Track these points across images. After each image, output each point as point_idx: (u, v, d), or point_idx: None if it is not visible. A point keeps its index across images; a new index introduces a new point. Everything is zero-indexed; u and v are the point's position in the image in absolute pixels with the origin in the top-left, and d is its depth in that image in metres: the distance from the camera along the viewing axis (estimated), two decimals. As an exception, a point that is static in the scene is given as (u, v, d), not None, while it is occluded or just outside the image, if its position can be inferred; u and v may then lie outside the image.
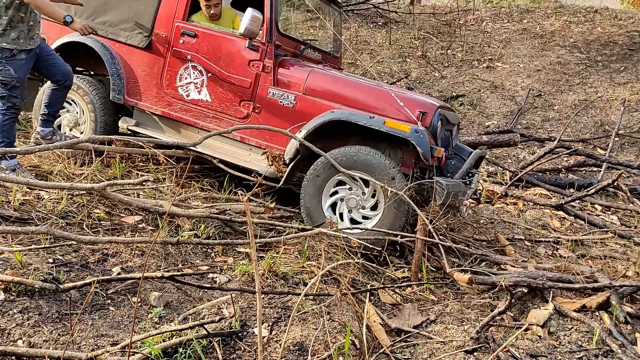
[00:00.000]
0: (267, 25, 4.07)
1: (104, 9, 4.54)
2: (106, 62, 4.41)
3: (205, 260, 3.33)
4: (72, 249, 2.97)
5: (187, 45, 4.30)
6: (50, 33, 4.60)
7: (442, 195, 3.63)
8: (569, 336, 3.12)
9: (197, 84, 4.28)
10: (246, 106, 4.15)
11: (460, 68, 9.77)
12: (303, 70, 4.12)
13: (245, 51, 4.11)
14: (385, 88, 4.09)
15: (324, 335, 2.63)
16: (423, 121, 3.77)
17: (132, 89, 4.48)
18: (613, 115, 8.09)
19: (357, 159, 3.73)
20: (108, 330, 2.42)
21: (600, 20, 11.09)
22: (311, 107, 3.99)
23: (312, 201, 3.83)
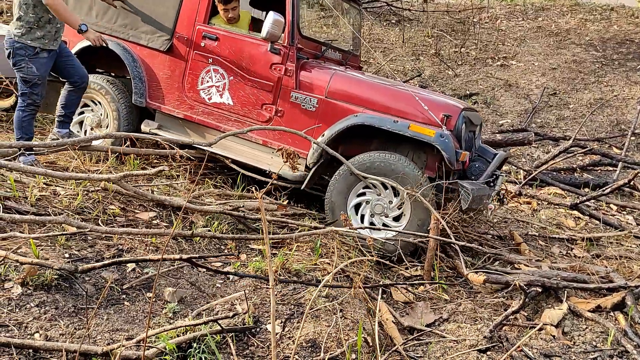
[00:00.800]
0: (288, 29, 4.05)
1: (125, 12, 4.53)
2: (128, 65, 4.42)
3: (219, 257, 3.34)
4: (87, 245, 3.00)
5: (209, 48, 4.28)
6: (71, 36, 4.60)
7: (468, 201, 3.61)
8: (584, 336, 3.10)
9: (219, 87, 4.27)
10: (268, 110, 4.14)
11: (474, 66, 9.71)
12: (325, 73, 4.09)
13: (267, 54, 4.10)
14: (408, 90, 4.05)
15: (337, 333, 2.64)
16: (447, 124, 3.74)
17: (154, 92, 4.48)
18: (629, 114, 8.00)
19: (384, 165, 3.71)
20: (123, 324, 2.44)
21: (616, 18, 10.96)
22: (334, 111, 3.97)
23: (339, 197, 3.82)
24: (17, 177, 3.53)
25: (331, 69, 4.16)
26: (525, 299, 3.20)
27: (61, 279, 2.59)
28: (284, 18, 3.98)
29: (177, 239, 3.30)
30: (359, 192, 3.84)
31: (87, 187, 3.64)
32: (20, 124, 3.98)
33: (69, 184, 3.65)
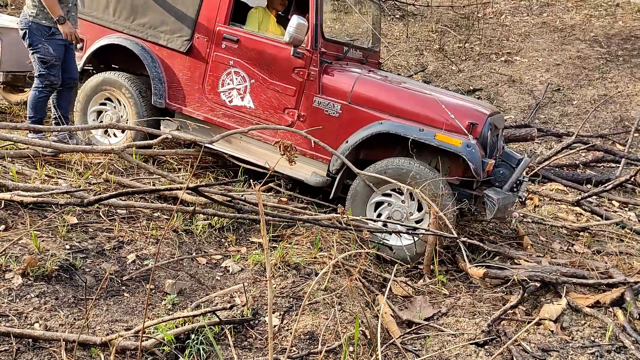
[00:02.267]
0: (312, 32, 3.97)
1: (143, 11, 4.45)
2: (147, 65, 4.36)
3: (219, 250, 3.36)
4: (88, 236, 3.02)
5: (229, 50, 4.21)
6: (88, 35, 4.58)
7: (493, 211, 3.57)
8: (582, 331, 3.10)
9: (240, 90, 4.20)
10: (290, 114, 4.08)
11: (477, 62, 9.68)
12: (349, 78, 4.00)
13: (289, 58, 4.01)
14: (434, 96, 3.94)
15: (335, 325, 2.65)
16: (473, 132, 3.67)
17: (174, 93, 4.42)
18: (633, 111, 7.97)
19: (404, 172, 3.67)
20: (122, 315, 2.46)
21: (622, 14, 10.89)
22: (358, 117, 3.89)
23: (361, 196, 3.80)
24: (19, 168, 3.55)
25: (355, 73, 4.07)
26: (524, 293, 3.20)
27: (61, 269, 2.61)
28: (307, 21, 3.89)
29: (177, 231, 3.32)
30: (384, 192, 3.81)
31: (89, 179, 3.66)
32: (35, 104, 4.07)
33: (71, 175, 3.67)
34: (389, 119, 3.81)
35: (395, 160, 3.75)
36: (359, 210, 3.79)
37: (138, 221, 3.32)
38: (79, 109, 4.57)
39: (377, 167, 3.76)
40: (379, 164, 3.78)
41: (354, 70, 4.18)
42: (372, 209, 3.83)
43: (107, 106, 4.58)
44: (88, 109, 4.57)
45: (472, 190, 3.84)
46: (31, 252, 2.67)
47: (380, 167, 3.75)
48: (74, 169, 3.76)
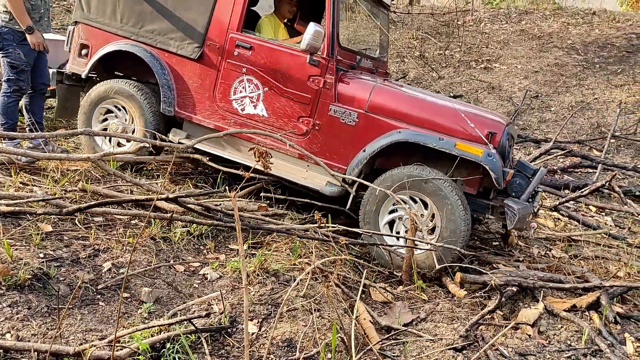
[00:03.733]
0: (328, 40, 3.92)
1: (152, 17, 4.35)
2: (156, 73, 4.27)
3: (198, 257, 3.34)
4: (63, 244, 2.97)
5: (242, 57, 4.12)
6: (94, 41, 4.49)
7: (514, 221, 3.53)
8: (559, 335, 3.13)
9: (252, 98, 4.13)
10: (305, 123, 4.00)
11: (458, 68, 9.78)
12: (365, 86, 3.95)
13: (305, 65, 3.95)
14: (451, 105, 3.91)
15: (313, 332, 2.64)
16: (492, 141, 3.63)
17: (183, 101, 4.33)
18: (609, 117, 8.10)
19: (418, 180, 3.62)
20: (97, 325, 2.43)
21: (598, 22, 11.11)
22: (375, 126, 3.84)
23: (371, 217, 3.75)
24: (-7, 176, 3.49)
25: (371, 82, 4.02)
26: (501, 298, 3.23)
27: (35, 278, 2.57)
28: (323, 29, 3.84)
29: (155, 238, 3.29)
30: (390, 209, 3.75)
31: (65, 187, 3.62)
32: (4, 110, 4.02)
33: (47, 183, 3.62)
34: (407, 128, 3.76)
35: (408, 168, 3.71)
36: (372, 218, 3.76)
37: (115, 229, 3.29)
38: (82, 117, 4.44)
39: (393, 175, 3.70)
40: (395, 171, 3.72)
41: (370, 78, 4.13)
42: (385, 217, 3.77)
43: (113, 114, 4.45)
44: (92, 117, 4.44)
45: (489, 200, 3.80)
46: (3, 261, 2.63)
47: (391, 176, 3.70)
48: (49, 177, 3.71)
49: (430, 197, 3.61)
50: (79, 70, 4.57)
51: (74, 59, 4.61)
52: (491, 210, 3.79)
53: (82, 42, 4.57)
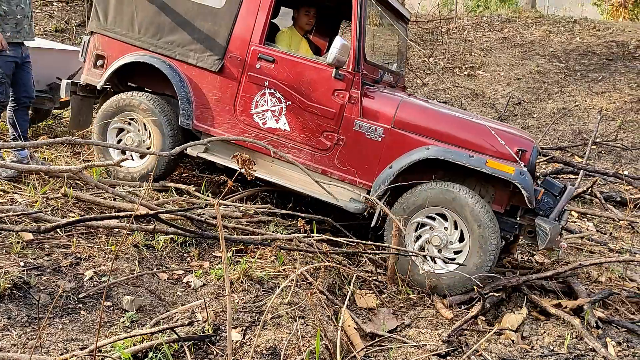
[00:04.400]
0: (354, 54, 3.86)
1: (171, 28, 4.28)
2: (175, 85, 4.19)
3: (181, 265, 3.31)
4: (44, 253, 2.94)
5: (265, 70, 4.05)
6: (110, 52, 4.45)
7: (545, 241, 3.46)
8: (541, 340, 3.16)
9: (274, 111, 4.05)
10: (329, 137, 3.93)
11: (442, 76, 9.86)
12: (392, 101, 3.88)
13: (329, 79, 3.89)
14: (480, 121, 3.85)
15: (297, 340, 2.64)
16: (522, 159, 3.55)
17: (202, 114, 4.24)
18: (590, 124, 8.22)
19: (446, 197, 3.55)
20: (78, 334, 2.40)
21: (579, 31, 11.28)
22: (402, 142, 3.76)
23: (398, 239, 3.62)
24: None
25: (397, 96, 3.96)
26: (484, 303, 3.25)
27: (15, 288, 2.53)
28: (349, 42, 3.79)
29: (138, 246, 3.26)
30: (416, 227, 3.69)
31: (47, 194, 3.58)
32: None
33: (28, 191, 3.58)
34: (435, 144, 3.69)
35: (434, 184, 3.63)
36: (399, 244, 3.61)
37: (97, 237, 3.25)
38: (97, 129, 4.37)
39: (422, 190, 3.63)
40: (418, 188, 3.65)
41: (395, 93, 4.08)
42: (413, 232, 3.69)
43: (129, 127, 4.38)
44: (108, 130, 4.38)
45: (516, 219, 3.73)
46: (-17, 270, 2.59)
47: (418, 191, 3.64)
48: (30, 184, 3.67)
49: (460, 215, 3.53)
50: (93, 81, 4.49)
51: (89, 70, 4.52)
52: (519, 229, 3.72)
53: (97, 52, 4.49)
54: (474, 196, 3.52)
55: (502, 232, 3.68)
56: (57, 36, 9.70)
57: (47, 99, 5.22)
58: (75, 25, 10.37)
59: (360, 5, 3.88)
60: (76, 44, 9.16)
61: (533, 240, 3.69)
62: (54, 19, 10.39)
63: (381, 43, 4.77)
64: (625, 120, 8.33)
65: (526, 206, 3.56)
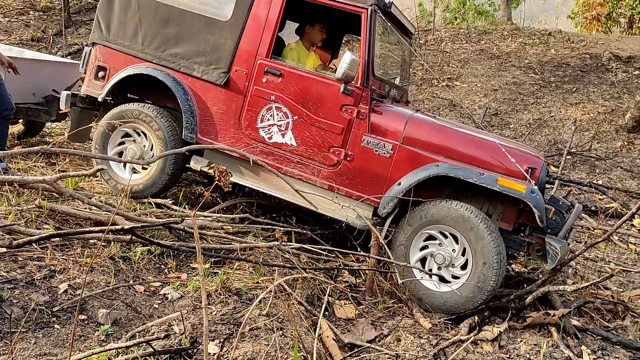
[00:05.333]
0: (362, 69, 3.82)
1: (175, 40, 4.23)
2: (179, 98, 4.13)
3: (158, 276, 3.28)
4: (17, 266, 2.88)
5: (271, 84, 4.00)
6: (113, 63, 4.38)
7: (556, 260, 3.42)
8: (518, 349, 3.19)
9: (281, 126, 3.99)
10: (336, 153, 3.88)
11: (420, 86, 9.96)
12: (401, 117, 3.86)
13: (337, 94, 3.85)
14: (490, 138, 3.83)
15: (276, 352, 2.62)
16: (532, 177, 3.53)
17: (206, 128, 4.17)
18: (565, 134, 8.37)
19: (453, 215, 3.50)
20: (52, 348, 2.36)
21: (554, 43, 11.50)
22: (411, 158, 3.73)
23: (402, 251, 3.63)
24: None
25: (405, 112, 3.94)
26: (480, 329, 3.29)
27: None
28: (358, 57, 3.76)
29: (114, 258, 3.22)
30: (420, 246, 3.65)
31: (21, 206, 3.51)
32: None
33: (1, 203, 3.52)
34: (445, 161, 3.66)
35: (441, 203, 3.58)
36: (402, 254, 3.63)
37: (72, 249, 3.20)
38: (99, 140, 4.30)
39: (429, 209, 3.58)
40: (424, 206, 3.61)
41: (403, 109, 4.06)
42: (417, 254, 3.66)
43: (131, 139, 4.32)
44: (109, 142, 4.30)
45: (524, 237, 3.72)
46: (-47, 283, 2.53)
47: (424, 210, 3.60)
48: (4, 196, 3.60)
49: (463, 233, 3.49)
50: (94, 92, 4.41)
51: (90, 81, 4.45)
52: (527, 247, 3.70)
53: (99, 64, 4.42)
54: (469, 208, 3.49)
55: (509, 250, 3.66)
56: (33, 45, 9.60)
57: (43, 112, 5.14)
58: (52, 34, 10.26)
59: (370, 20, 3.85)
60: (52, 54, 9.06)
61: (541, 258, 3.69)
62: (31, 28, 10.28)
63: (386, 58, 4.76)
64: (599, 130, 8.50)
65: (535, 224, 3.54)
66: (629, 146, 8.16)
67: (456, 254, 3.55)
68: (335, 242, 4.34)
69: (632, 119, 8.34)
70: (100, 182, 4.49)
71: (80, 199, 3.63)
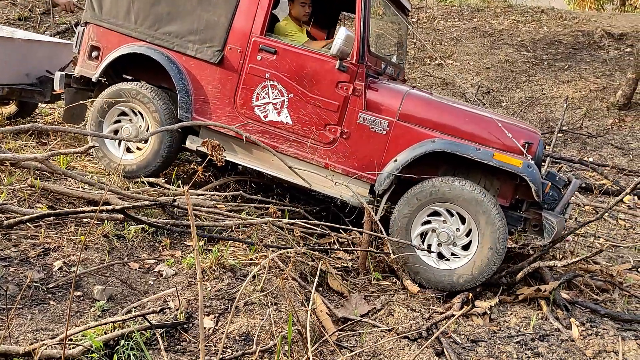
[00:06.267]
0: (358, 45, 3.78)
1: (169, 18, 4.17)
2: (173, 77, 4.09)
3: (153, 254, 3.30)
4: (11, 244, 2.89)
5: (266, 62, 3.96)
6: (106, 43, 4.32)
7: (552, 234, 3.44)
8: (508, 322, 3.25)
9: (276, 104, 3.97)
10: (332, 131, 3.86)
11: (412, 65, 9.93)
12: (396, 94, 3.82)
13: (332, 71, 3.82)
14: (486, 114, 3.81)
15: (270, 326, 2.66)
16: (528, 152, 3.51)
17: (201, 107, 4.15)
18: (557, 112, 8.40)
19: (452, 192, 3.48)
20: (48, 324, 2.38)
21: (546, 20, 11.46)
22: (407, 135, 3.71)
23: (402, 226, 3.58)
24: None
25: (401, 89, 3.90)
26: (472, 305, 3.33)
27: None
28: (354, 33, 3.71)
29: (108, 236, 3.23)
30: (423, 220, 3.61)
31: (13, 186, 3.51)
32: None
33: (-7, 182, 3.51)
34: (441, 137, 3.64)
35: (440, 180, 3.56)
36: (402, 229, 3.59)
37: (66, 227, 3.21)
38: (94, 119, 4.25)
39: (442, 186, 3.53)
40: (423, 184, 3.59)
41: (399, 86, 4.04)
42: (418, 229, 3.62)
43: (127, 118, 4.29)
44: (105, 120, 4.28)
45: (521, 213, 3.73)
46: (-52, 261, 2.54)
47: (423, 188, 3.57)
48: (-4, 175, 3.60)
49: (474, 216, 3.46)
50: (88, 73, 4.37)
51: (84, 62, 4.39)
52: (524, 223, 3.72)
53: (92, 44, 4.36)
54: (483, 192, 3.47)
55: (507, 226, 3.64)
56: (20, 25, 9.46)
57: (37, 92, 5.10)
58: (40, 13, 10.12)
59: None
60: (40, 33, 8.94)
61: (538, 233, 3.71)
62: (17, 7, 10.12)
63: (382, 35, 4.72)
64: (590, 108, 8.53)
65: (532, 199, 3.56)
66: (620, 123, 8.21)
67: (460, 233, 3.54)
68: (327, 220, 4.37)
69: (623, 96, 8.37)
70: (92, 161, 4.48)
71: (73, 176, 3.63)
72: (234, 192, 4.23)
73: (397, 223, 3.62)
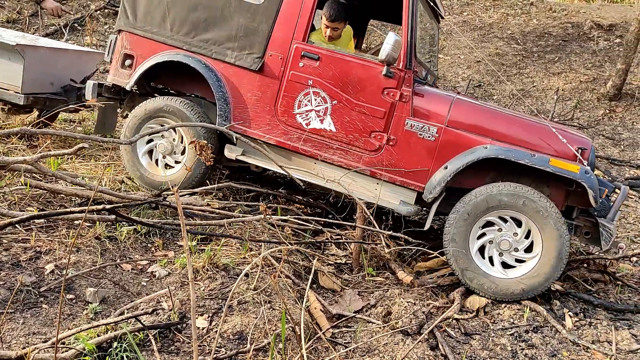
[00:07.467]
0: (405, 50, 3.73)
1: (206, 25, 4.10)
2: (212, 85, 4.02)
3: (145, 255, 3.29)
4: (2, 248, 2.87)
5: (308, 68, 3.89)
6: (140, 51, 4.25)
7: (609, 242, 3.40)
8: (502, 314, 3.26)
9: (319, 111, 3.89)
10: (378, 138, 3.79)
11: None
12: (444, 100, 3.76)
13: (378, 77, 3.75)
14: (539, 121, 3.78)
15: (264, 324, 2.66)
16: (582, 158, 3.46)
17: (240, 115, 4.06)
18: (548, 104, 8.42)
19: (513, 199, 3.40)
20: (40, 328, 2.37)
21: (536, 13, 11.49)
22: (457, 141, 3.64)
23: (459, 245, 3.49)
24: None
25: (449, 95, 3.86)
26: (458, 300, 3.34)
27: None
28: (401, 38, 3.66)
29: (100, 238, 3.22)
30: (478, 234, 3.55)
31: (3, 189, 3.49)
32: None
33: (-17, 186, 3.49)
34: (493, 144, 3.56)
35: (499, 186, 3.48)
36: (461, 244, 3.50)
37: (57, 230, 3.20)
38: (128, 134, 4.17)
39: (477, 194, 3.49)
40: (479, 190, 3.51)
41: (445, 92, 4.02)
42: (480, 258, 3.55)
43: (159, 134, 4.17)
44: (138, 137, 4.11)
45: (572, 220, 3.66)
46: (-62, 267, 2.52)
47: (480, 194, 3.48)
48: (-14, 179, 3.57)
49: (531, 217, 3.39)
50: (121, 82, 4.29)
51: (117, 70, 4.31)
52: (575, 230, 3.66)
53: (126, 52, 4.29)
54: (547, 200, 3.39)
55: None
56: (9, 27, 9.39)
57: (62, 102, 5.03)
58: (28, 15, 10.05)
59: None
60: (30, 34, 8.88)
61: (589, 241, 3.67)
62: (5, 10, 10.05)
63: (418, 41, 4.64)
64: (581, 99, 8.56)
65: (584, 206, 3.52)
66: (610, 114, 8.25)
67: (519, 237, 3.47)
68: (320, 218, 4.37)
69: (613, 87, 8.40)
70: (83, 162, 4.46)
71: (64, 178, 3.61)
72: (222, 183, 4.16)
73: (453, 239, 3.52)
